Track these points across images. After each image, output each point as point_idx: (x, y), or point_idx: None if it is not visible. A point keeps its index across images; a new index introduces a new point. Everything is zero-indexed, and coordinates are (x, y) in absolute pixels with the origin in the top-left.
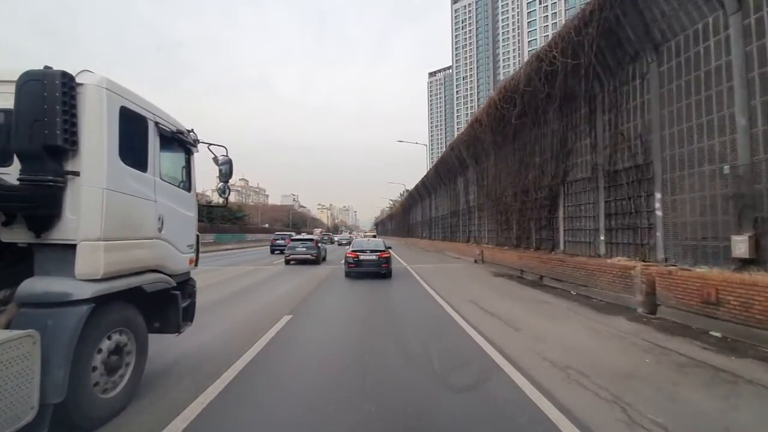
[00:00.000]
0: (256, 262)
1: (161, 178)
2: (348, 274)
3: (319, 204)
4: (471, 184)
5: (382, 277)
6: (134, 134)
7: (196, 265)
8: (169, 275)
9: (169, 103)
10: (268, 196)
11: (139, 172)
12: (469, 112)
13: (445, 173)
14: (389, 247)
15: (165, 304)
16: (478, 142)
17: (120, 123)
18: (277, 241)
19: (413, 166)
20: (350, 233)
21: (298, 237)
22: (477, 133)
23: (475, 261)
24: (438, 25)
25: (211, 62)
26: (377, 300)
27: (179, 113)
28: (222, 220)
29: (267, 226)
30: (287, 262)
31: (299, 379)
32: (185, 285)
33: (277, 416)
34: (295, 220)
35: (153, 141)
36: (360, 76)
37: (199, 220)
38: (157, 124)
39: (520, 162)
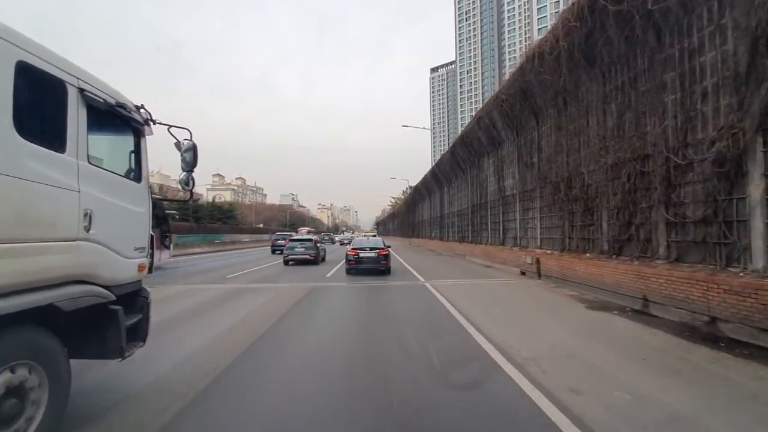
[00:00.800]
0: (206, 276)
1: (90, 163)
2: (349, 271)
3: (320, 204)
4: (509, 165)
5: (381, 274)
6: (43, 101)
7: (150, 272)
8: (106, 286)
9: (171, 102)
10: (266, 195)
11: (50, 151)
12: (473, 107)
13: (464, 157)
14: (388, 246)
15: (101, 322)
16: (527, 101)
17: (17, 83)
18: (278, 241)
19: (416, 166)
20: (352, 233)
21: (297, 237)
22: (532, 79)
23: (523, 273)
24: (441, 20)
25: (213, 63)
26: None
27: (181, 113)
28: (211, 219)
29: (261, 225)
30: (286, 262)
31: None
32: (134, 297)
33: None
34: (294, 220)
35: (75, 113)
36: (361, 75)
37: (183, 220)
38: (82, 91)
39: (624, 109)
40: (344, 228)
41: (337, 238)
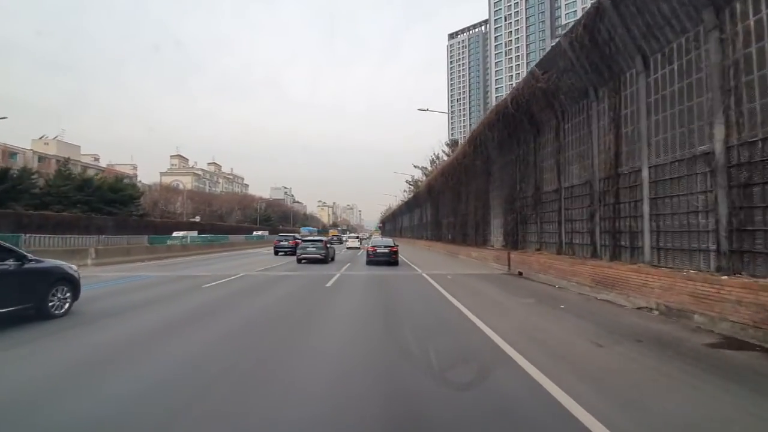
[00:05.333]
0: None
1: None
2: (368, 263)
3: (320, 201)
4: None
5: (391, 265)
6: None
7: None
8: None
9: (177, 101)
10: (247, 185)
11: None
12: (514, 65)
13: None
14: (397, 245)
15: None
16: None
17: None
18: (281, 243)
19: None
20: (366, 235)
21: (309, 238)
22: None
23: None
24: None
25: (220, 61)
26: None
27: (186, 111)
28: (63, 202)
29: (197, 219)
30: (299, 261)
31: None
32: None
33: None
34: (273, 215)
35: None
36: (369, 74)
37: None
38: None
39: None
40: (345, 227)
41: (344, 238)
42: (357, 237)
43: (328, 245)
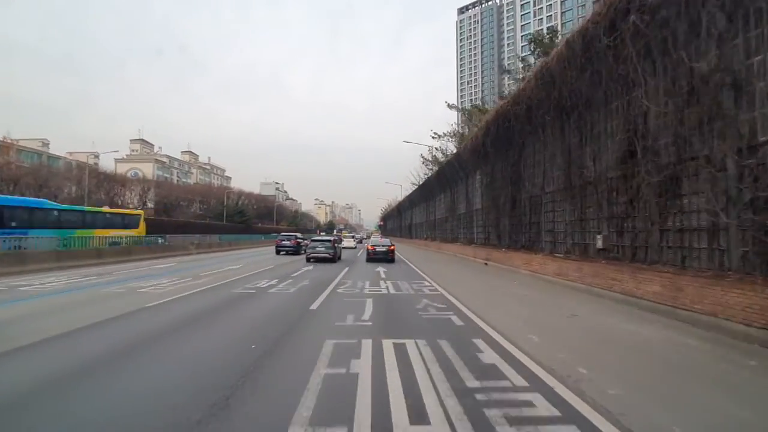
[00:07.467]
0: None
1: None
2: (368, 260)
3: (317, 199)
4: None
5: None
6: None
7: None
8: None
9: (180, 101)
10: (229, 178)
11: None
12: (545, 28)
13: None
14: (393, 245)
15: None
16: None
17: None
18: (283, 242)
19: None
20: (365, 235)
21: (318, 238)
22: None
23: None
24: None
25: (222, 61)
26: None
27: (189, 111)
28: None
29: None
30: (308, 260)
31: None
32: None
33: None
34: (246, 210)
35: None
36: (371, 73)
37: None
38: None
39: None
40: (342, 227)
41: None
42: (353, 237)
43: (336, 245)
